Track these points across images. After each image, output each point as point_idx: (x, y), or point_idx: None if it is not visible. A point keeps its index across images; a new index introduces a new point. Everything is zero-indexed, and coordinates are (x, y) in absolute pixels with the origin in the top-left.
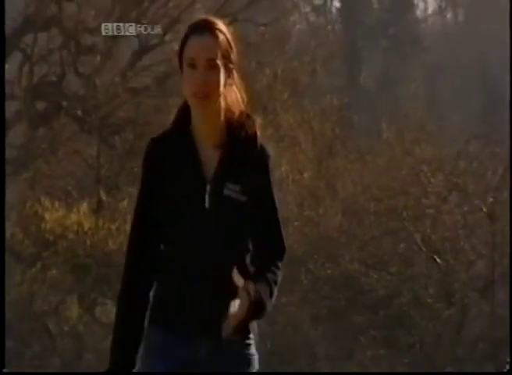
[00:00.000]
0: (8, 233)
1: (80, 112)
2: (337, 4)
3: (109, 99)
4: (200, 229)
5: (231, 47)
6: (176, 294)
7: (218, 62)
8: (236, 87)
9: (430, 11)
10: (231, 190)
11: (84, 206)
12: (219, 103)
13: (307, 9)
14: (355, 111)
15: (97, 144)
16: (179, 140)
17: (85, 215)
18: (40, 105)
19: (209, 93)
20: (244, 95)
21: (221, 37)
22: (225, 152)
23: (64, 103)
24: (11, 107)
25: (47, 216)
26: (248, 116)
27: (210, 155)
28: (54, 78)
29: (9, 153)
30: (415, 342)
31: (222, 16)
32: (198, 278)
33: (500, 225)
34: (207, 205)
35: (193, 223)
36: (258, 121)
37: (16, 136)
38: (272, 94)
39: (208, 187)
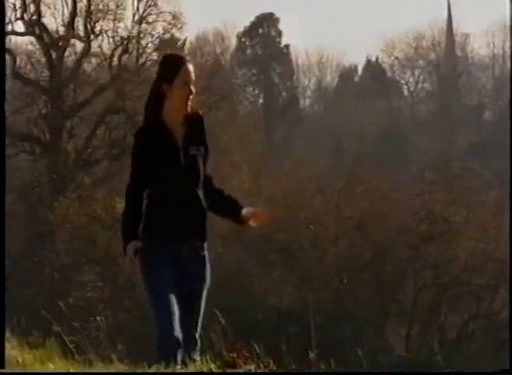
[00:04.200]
0: (98, 213)
1: None
2: (261, 100)
3: None
4: (179, 175)
5: None
6: (164, 217)
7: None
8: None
9: (307, 105)
10: (193, 150)
11: None
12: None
13: (246, 103)
14: (272, 154)
15: None
16: (156, 127)
17: None
18: (114, 151)
19: (190, 97)
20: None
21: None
22: (186, 129)
23: (127, 149)
24: (100, 152)
25: (117, 205)
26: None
27: (178, 132)
28: (121, 137)
29: (98, 176)
30: (300, 267)
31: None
32: (178, 205)
33: (342, 211)
34: (182, 161)
35: (175, 172)
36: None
37: (103, 166)
38: (231, 146)
39: (181, 151)
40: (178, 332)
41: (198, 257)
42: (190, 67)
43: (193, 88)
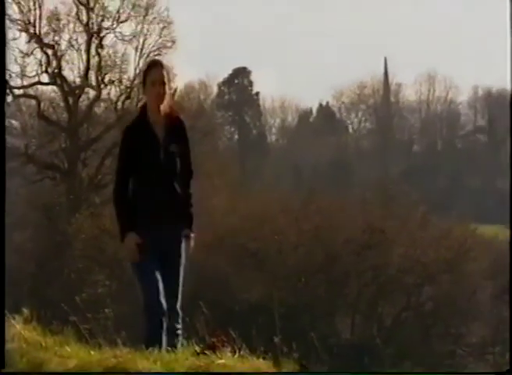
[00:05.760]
0: (106, 226)
1: None
2: (236, 137)
3: None
4: (158, 169)
5: (169, 74)
6: (145, 205)
7: (165, 81)
8: (170, 94)
9: (273, 140)
10: (172, 147)
11: None
12: (164, 104)
13: (225, 139)
14: (245, 179)
15: None
16: (142, 125)
17: None
18: None
19: (162, 97)
20: (173, 98)
21: (165, 70)
22: (166, 129)
23: None
24: (108, 177)
25: None
26: (174, 109)
27: (160, 131)
28: None
29: (106, 197)
30: (267, 269)
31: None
32: (156, 195)
33: (301, 225)
34: (161, 157)
35: (155, 167)
36: (179, 111)
37: (110, 189)
38: (212, 172)
39: (161, 148)
40: (162, 299)
41: (177, 239)
42: (159, 69)
43: (164, 88)
